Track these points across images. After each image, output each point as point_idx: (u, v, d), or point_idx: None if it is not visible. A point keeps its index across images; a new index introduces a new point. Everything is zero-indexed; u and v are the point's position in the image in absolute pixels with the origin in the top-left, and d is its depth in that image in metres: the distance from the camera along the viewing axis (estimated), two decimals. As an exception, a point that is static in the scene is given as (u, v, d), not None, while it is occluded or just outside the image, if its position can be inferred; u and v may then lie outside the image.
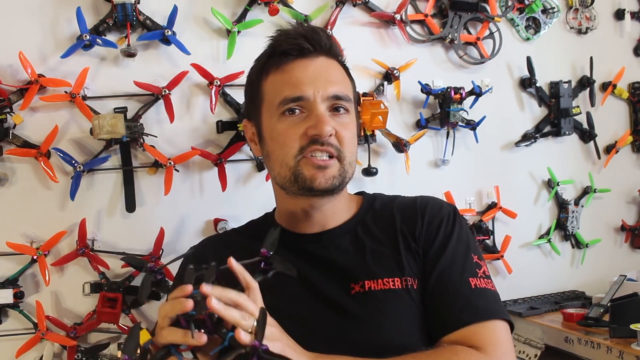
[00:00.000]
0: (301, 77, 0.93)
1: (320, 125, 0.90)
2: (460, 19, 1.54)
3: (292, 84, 0.93)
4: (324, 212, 0.98)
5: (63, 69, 1.25)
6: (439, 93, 1.50)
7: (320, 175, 0.91)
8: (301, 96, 0.92)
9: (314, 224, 0.99)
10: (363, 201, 1.05)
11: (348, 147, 0.94)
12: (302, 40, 0.95)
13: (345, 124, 0.94)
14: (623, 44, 1.77)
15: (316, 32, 0.97)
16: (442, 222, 0.97)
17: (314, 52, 0.95)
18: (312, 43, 0.95)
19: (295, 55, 0.95)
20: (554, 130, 1.65)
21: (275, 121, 0.94)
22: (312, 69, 0.94)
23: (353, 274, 0.94)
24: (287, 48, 0.95)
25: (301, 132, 0.92)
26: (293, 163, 0.92)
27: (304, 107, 0.93)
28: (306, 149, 0.91)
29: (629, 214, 1.77)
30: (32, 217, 1.25)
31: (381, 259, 0.95)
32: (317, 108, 0.92)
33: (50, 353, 1.22)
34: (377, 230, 0.99)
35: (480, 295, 0.90)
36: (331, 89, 0.94)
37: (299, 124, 0.92)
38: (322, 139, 0.91)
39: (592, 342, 1.28)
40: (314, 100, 0.92)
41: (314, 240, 0.98)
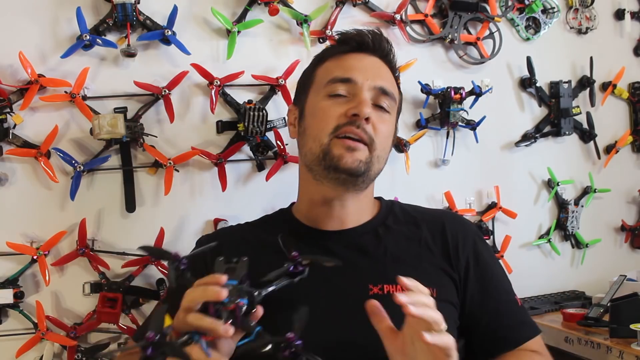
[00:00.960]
0: (354, 64, 0.99)
1: (361, 106, 0.94)
2: (460, 19, 1.54)
3: (344, 68, 0.98)
4: (346, 207, 0.99)
5: (63, 69, 1.25)
6: (439, 93, 1.50)
7: (348, 155, 0.93)
8: (350, 78, 0.97)
9: (334, 218, 1.00)
10: (382, 204, 1.07)
11: (381, 141, 0.97)
12: (364, 36, 1.01)
13: (384, 119, 0.98)
14: (623, 44, 1.77)
15: (379, 35, 1.03)
16: (475, 244, 1.01)
17: (372, 50, 1.01)
18: (374, 41, 1.01)
19: (354, 47, 1.01)
20: (554, 130, 1.65)
21: (320, 99, 0.98)
22: (367, 62, 1.00)
23: (372, 275, 0.94)
24: (347, 38, 1.01)
25: (342, 111, 0.95)
26: (326, 140, 0.94)
27: (350, 91, 0.96)
28: (341, 127, 0.94)
29: (629, 214, 1.78)
30: (32, 217, 1.25)
31: (401, 264, 0.96)
32: (362, 93, 0.96)
33: (50, 353, 1.22)
34: (399, 235, 1.00)
35: (525, 313, 1.03)
36: (379, 81, 0.98)
37: (342, 104, 0.96)
38: (360, 119, 0.93)
39: (592, 342, 1.28)
40: (360, 86, 0.96)
41: (334, 238, 0.99)
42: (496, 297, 0.98)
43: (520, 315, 1.00)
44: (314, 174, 0.97)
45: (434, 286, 0.94)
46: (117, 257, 1.28)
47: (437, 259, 0.98)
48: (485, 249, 1.03)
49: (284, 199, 1.14)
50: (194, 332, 0.71)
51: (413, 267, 0.96)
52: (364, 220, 1.02)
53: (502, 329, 0.97)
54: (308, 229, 1.01)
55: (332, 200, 0.99)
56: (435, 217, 1.05)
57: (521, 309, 1.01)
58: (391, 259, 0.96)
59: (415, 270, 0.95)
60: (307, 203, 1.02)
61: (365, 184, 0.98)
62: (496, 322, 0.97)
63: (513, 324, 0.98)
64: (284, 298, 0.88)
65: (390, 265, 0.96)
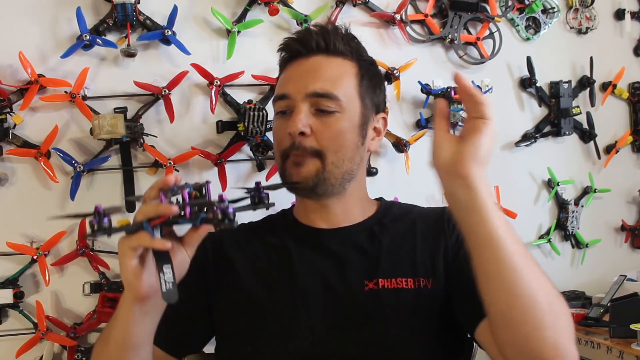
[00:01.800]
0: (290, 76, 0.99)
1: (292, 124, 0.94)
2: (460, 19, 1.54)
3: (281, 83, 1.01)
4: (332, 211, 1.01)
5: (63, 69, 1.25)
6: (439, 93, 1.49)
7: (295, 172, 0.95)
8: (284, 94, 0.97)
9: (328, 220, 1.01)
10: (380, 205, 1.07)
11: (331, 145, 0.95)
12: (295, 43, 1.00)
13: (329, 122, 0.95)
14: (623, 44, 1.77)
15: (308, 33, 1.00)
16: None
17: (306, 53, 0.99)
18: (304, 45, 0.99)
19: (291, 57, 1.01)
20: (554, 130, 1.65)
21: (275, 118, 1.01)
22: (301, 69, 0.99)
23: (368, 271, 0.95)
24: (285, 52, 1.02)
25: (286, 132, 0.96)
26: (280, 161, 0.98)
27: (288, 106, 0.97)
28: (287, 151, 0.95)
29: (629, 214, 1.77)
30: (32, 217, 1.25)
31: (396, 258, 0.96)
32: (296, 106, 0.95)
33: (50, 353, 1.22)
34: (394, 232, 1.00)
35: None
36: (312, 86, 0.95)
37: (285, 122, 0.97)
38: (293, 137, 0.94)
39: (592, 342, 1.28)
40: (294, 98, 0.96)
41: (331, 235, 1.00)
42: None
43: None
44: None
45: (429, 277, 0.94)
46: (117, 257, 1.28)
47: (433, 249, 0.97)
48: None
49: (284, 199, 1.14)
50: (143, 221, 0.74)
51: (408, 260, 0.96)
52: (360, 219, 1.02)
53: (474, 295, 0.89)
54: (307, 228, 1.02)
55: (319, 209, 1.01)
56: (434, 211, 1.05)
57: None
58: (386, 254, 0.97)
59: (410, 262, 0.96)
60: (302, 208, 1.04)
61: (333, 189, 0.97)
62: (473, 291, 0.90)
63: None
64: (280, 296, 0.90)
65: (385, 260, 0.96)
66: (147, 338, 0.85)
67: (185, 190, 0.77)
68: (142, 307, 0.79)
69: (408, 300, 0.92)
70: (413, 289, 0.93)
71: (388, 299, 0.92)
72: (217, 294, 0.98)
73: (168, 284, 0.73)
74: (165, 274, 0.73)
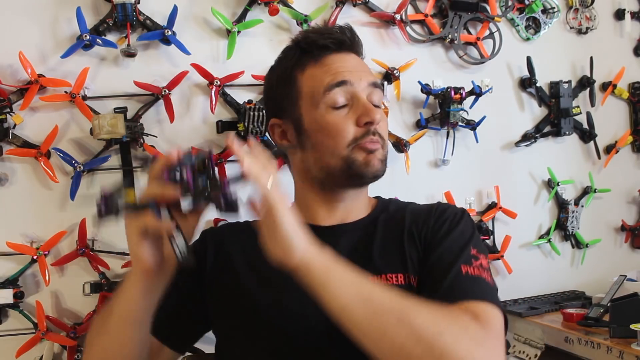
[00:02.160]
0: (341, 66, 0.98)
1: (372, 112, 0.95)
2: (460, 19, 1.54)
3: (333, 72, 0.97)
4: (347, 205, 1.01)
5: (63, 69, 1.25)
6: (439, 93, 1.50)
7: (372, 158, 0.95)
8: (345, 80, 0.96)
9: (336, 216, 1.01)
10: (378, 203, 1.07)
11: (386, 135, 1.00)
12: (340, 35, 1.00)
13: (382, 115, 0.99)
14: (623, 44, 1.77)
15: (352, 31, 1.02)
16: (447, 218, 0.99)
17: (349, 48, 1.00)
18: (351, 39, 1.00)
19: (333, 49, 0.99)
20: (554, 130, 1.65)
21: (323, 113, 0.96)
22: (350, 61, 0.99)
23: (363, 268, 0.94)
24: (325, 42, 0.99)
25: (352, 122, 0.95)
26: (346, 152, 0.95)
27: (348, 94, 0.96)
28: (361, 139, 0.95)
29: (629, 214, 1.77)
30: (32, 217, 1.25)
31: (387, 256, 0.96)
32: (361, 96, 0.96)
33: (50, 353, 1.22)
34: (387, 230, 1.00)
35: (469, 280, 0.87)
36: (369, 77, 0.99)
37: (348, 115, 0.96)
38: (374, 125, 0.95)
39: (592, 342, 1.27)
40: (356, 87, 0.96)
41: (326, 233, 0.99)
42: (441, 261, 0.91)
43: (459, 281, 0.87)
44: (326, 184, 0.99)
45: (416, 274, 0.94)
46: (117, 257, 1.28)
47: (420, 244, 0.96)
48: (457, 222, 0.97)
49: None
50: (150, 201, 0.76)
51: (398, 256, 0.96)
52: (362, 215, 1.02)
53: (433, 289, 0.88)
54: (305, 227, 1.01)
55: (338, 202, 1.01)
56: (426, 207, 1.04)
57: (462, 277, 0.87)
58: (378, 252, 0.97)
59: (400, 259, 0.95)
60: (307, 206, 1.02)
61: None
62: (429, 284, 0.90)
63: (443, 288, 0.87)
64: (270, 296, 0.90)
65: (377, 256, 0.96)
66: (147, 316, 0.86)
67: (188, 169, 0.77)
68: (148, 281, 0.82)
69: None
70: (404, 284, 0.93)
71: None
72: (214, 287, 0.99)
73: (182, 251, 0.76)
74: (178, 242, 0.76)
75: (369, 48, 1.46)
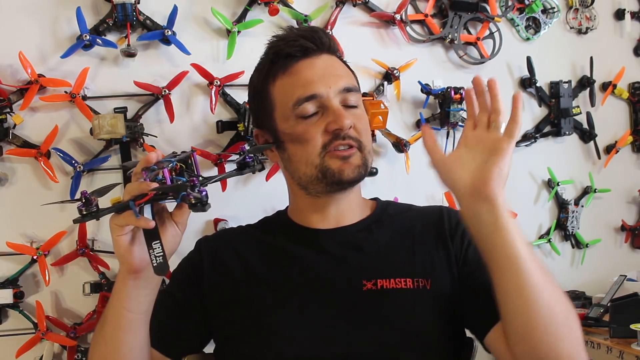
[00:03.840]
0: (310, 75, 0.95)
1: (341, 119, 0.92)
2: (460, 19, 1.54)
3: (302, 84, 0.94)
4: (340, 206, 1.00)
5: (63, 69, 1.25)
6: (439, 93, 1.49)
7: (347, 165, 0.94)
8: (314, 94, 0.94)
9: (330, 219, 1.00)
10: (377, 205, 1.07)
11: (366, 137, 0.97)
12: (304, 41, 0.96)
13: (358, 115, 0.97)
14: (623, 44, 1.77)
15: (315, 31, 0.99)
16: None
17: (317, 51, 0.97)
18: (314, 41, 0.97)
19: (300, 56, 0.96)
20: (554, 130, 1.65)
21: (293, 124, 0.95)
22: (319, 67, 0.96)
23: (366, 271, 0.94)
24: (291, 50, 0.96)
25: (321, 129, 0.93)
26: (319, 160, 0.93)
27: (318, 105, 0.94)
28: (329, 144, 0.93)
29: (629, 214, 1.77)
30: (32, 217, 1.25)
31: (395, 258, 0.96)
32: (332, 104, 0.94)
33: (50, 353, 1.22)
34: (392, 232, 1.00)
35: None
36: (341, 82, 0.96)
37: (317, 122, 0.94)
38: (343, 132, 0.93)
39: (592, 342, 1.28)
40: (327, 96, 0.94)
41: (328, 236, 0.99)
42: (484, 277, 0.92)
43: None
44: (309, 191, 0.98)
45: (428, 277, 0.94)
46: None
47: (432, 249, 0.97)
48: None
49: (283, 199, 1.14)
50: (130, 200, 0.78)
51: (407, 261, 0.96)
52: (358, 219, 1.02)
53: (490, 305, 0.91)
54: (303, 229, 1.01)
55: (328, 206, 1.00)
56: (431, 210, 1.05)
57: None
58: (384, 254, 0.97)
59: (409, 263, 0.96)
60: (301, 211, 1.03)
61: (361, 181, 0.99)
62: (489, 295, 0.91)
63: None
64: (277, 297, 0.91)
65: (383, 260, 0.96)
66: (139, 320, 0.86)
67: (165, 169, 0.79)
68: (136, 280, 0.83)
69: (407, 300, 0.92)
70: (412, 289, 0.93)
71: (387, 299, 0.92)
72: (213, 296, 0.98)
73: (158, 258, 0.78)
74: (155, 249, 0.78)
75: (369, 48, 1.48)
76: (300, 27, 1.02)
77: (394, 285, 0.93)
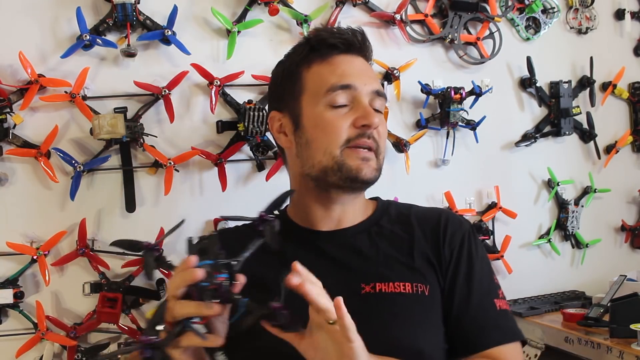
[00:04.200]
0: (348, 69, 0.97)
1: (371, 116, 0.94)
2: (460, 19, 1.54)
3: (339, 74, 0.96)
4: (344, 208, 1.00)
5: (63, 69, 1.25)
6: (439, 93, 1.50)
7: (365, 166, 0.94)
8: (349, 84, 0.95)
9: (331, 220, 1.00)
10: (378, 205, 1.06)
11: (383, 144, 0.99)
12: (350, 36, 0.99)
13: (382, 121, 0.98)
14: (623, 44, 1.77)
15: (361, 33, 1.01)
16: (464, 239, 0.99)
17: (358, 50, 1.00)
18: (360, 41, 1.00)
19: (342, 50, 0.99)
20: (554, 130, 1.65)
21: (322, 110, 0.96)
22: (357, 65, 0.99)
23: (365, 274, 0.94)
24: (335, 41, 0.98)
25: (349, 122, 0.94)
26: (338, 152, 0.94)
27: (350, 96, 0.95)
28: (353, 140, 0.94)
29: (629, 214, 1.77)
30: (32, 217, 1.25)
31: (394, 262, 0.96)
32: (363, 100, 0.95)
33: (50, 353, 1.22)
34: (392, 234, 1.00)
35: (504, 317, 0.95)
36: (374, 84, 0.98)
37: (346, 115, 0.95)
38: (371, 129, 0.94)
39: (592, 342, 1.27)
40: (360, 91, 0.96)
41: (327, 238, 0.99)
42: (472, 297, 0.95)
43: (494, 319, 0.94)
44: (319, 183, 0.97)
45: (426, 284, 0.94)
46: (117, 257, 1.28)
47: (430, 255, 0.97)
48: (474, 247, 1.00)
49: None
50: (184, 320, 0.72)
51: (406, 264, 0.96)
52: (358, 221, 1.02)
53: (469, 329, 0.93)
54: (302, 230, 1.01)
55: (334, 204, 1.00)
56: (431, 213, 1.05)
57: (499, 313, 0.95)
58: (383, 258, 0.96)
59: (408, 267, 0.95)
60: (304, 207, 1.02)
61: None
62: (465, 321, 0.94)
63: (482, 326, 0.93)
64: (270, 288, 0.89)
65: (382, 263, 0.96)
66: None
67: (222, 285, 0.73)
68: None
69: (406, 304, 0.92)
70: (411, 293, 0.93)
71: (386, 302, 0.92)
72: None
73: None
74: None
75: (369, 48, 1.48)
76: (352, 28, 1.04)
77: (393, 290, 0.92)
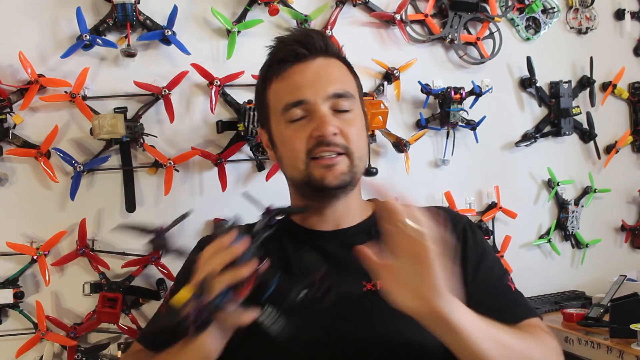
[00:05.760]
0: (300, 81, 0.96)
1: (324, 126, 0.92)
2: (460, 19, 1.54)
3: (291, 90, 0.96)
4: (337, 211, 1.00)
5: (63, 69, 1.25)
6: (439, 93, 1.50)
7: (329, 173, 0.93)
8: (302, 100, 0.94)
9: (328, 222, 1.01)
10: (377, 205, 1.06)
11: (356, 143, 0.96)
12: (297, 46, 0.97)
13: (350, 120, 0.96)
14: (623, 44, 1.77)
15: (309, 36, 0.99)
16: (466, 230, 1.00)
17: (310, 55, 0.97)
18: (307, 47, 0.97)
19: (293, 61, 0.97)
20: (554, 130, 1.65)
21: (283, 128, 0.96)
22: (311, 72, 0.96)
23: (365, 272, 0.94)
24: (283, 55, 0.97)
25: (307, 135, 0.94)
26: (303, 166, 0.94)
27: (306, 110, 0.95)
28: (313, 150, 0.93)
29: (629, 214, 1.77)
30: (32, 217, 1.25)
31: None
32: (318, 110, 0.94)
33: (50, 353, 1.22)
34: None
35: (521, 296, 0.98)
36: (330, 88, 0.95)
37: (304, 127, 0.94)
38: (326, 139, 0.93)
39: (592, 342, 1.28)
40: (314, 102, 0.94)
41: (329, 238, 1.00)
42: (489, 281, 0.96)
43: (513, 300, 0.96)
44: (301, 193, 0.99)
45: None
46: (117, 257, 1.28)
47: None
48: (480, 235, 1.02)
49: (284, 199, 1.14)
50: (222, 292, 0.76)
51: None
52: (358, 221, 1.02)
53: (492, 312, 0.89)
54: (304, 230, 1.02)
55: (325, 209, 1.00)
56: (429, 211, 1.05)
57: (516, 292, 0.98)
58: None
59: None
60: None
61: (354, 186, 0.99)
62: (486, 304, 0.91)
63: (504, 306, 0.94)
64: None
65: None
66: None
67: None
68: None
69: None
70: None
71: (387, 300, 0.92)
72: None
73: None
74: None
75: (369, 48, 1.48)
76: (298, 30, 1.01)
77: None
